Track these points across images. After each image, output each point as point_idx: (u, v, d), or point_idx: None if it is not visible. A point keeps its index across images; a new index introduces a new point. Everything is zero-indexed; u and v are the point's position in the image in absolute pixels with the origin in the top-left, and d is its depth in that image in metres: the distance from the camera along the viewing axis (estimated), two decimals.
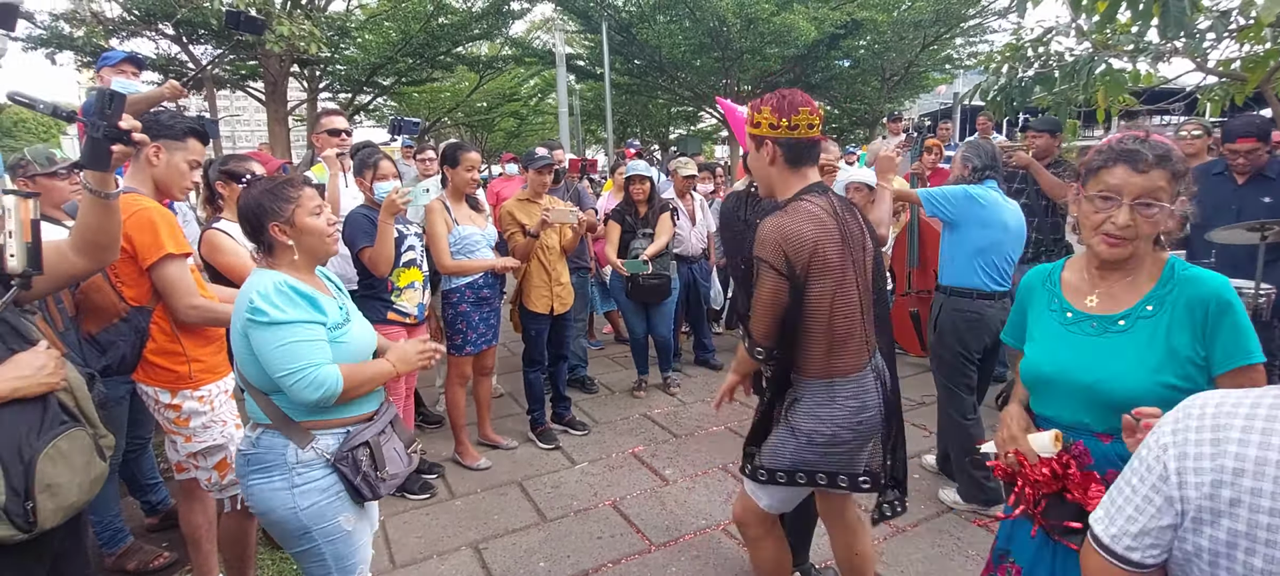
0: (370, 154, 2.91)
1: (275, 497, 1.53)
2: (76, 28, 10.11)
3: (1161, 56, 3.41)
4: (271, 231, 1.55)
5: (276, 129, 11.09)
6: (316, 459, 1.55)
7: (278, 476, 1.53)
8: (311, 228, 1.58)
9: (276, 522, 1.56)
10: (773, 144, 1.69)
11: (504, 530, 2.83)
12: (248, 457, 1.57)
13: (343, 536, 1.59)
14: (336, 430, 1.58)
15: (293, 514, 1.53)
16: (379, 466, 1.59)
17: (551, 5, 13.93)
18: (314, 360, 1.47)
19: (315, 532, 1.55)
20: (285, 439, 1.54)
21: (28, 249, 1.30)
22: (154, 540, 2.73)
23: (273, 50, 9.17)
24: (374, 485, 1.58)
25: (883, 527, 2.74)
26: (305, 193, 1.59)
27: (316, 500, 1.54)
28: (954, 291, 2.87)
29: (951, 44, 15.10)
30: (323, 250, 1.62)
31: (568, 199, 4.16)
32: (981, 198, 2.85)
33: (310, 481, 1.54)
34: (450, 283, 3.26)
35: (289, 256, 1.58)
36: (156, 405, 2.02)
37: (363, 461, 1.58)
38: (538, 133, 22.01)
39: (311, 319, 1.50)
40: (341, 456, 1.56)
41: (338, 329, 1.57)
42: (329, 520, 1.56)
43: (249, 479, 1.56)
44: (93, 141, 1.31)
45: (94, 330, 1.88)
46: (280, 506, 1.53)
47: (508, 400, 4.38)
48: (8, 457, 1.19)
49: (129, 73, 2.98)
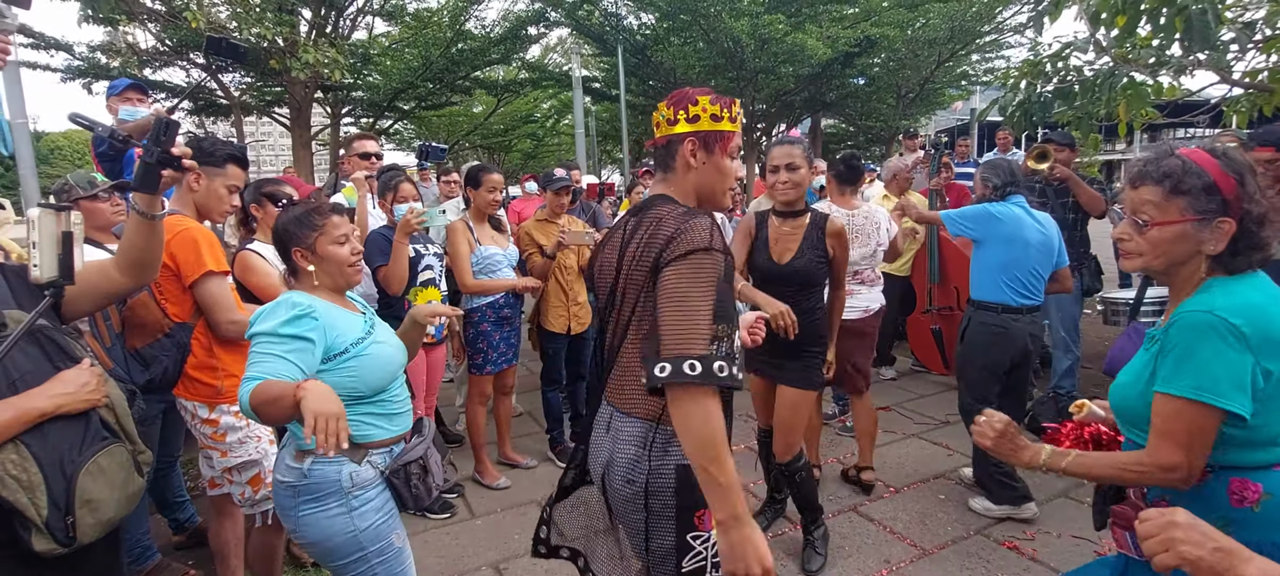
0: (392, 177, 2.98)
1: (334, 524, 1.53)
2: (113, 58, 10.50)
3: (1184, 69, 3.37)
4: (294, 256, 1.58)
5: (301, 153, 11.36)
6: (371, 479, 1.57)
7: (334, 503, 1.53)
8: (332, 256, 1.59)
9: (334, 548, 1.55)
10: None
11: (524, 550, 2.82)
12: (297, 488, 1.54)
13: (396, 554, 1.61)
14: (384, 450, 1.63)
15: (352, 537, 1.54)
16: (430, 475, 1.64)
17: (568, 29, 14.18)
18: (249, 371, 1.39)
19: (372, 554, 1.57)
20: (338, 465, 1.53)
21: (58, 260, 1.34)
22: (180, 557, 2.77)
23: (298, 77, 9.43)
24: (421, 496, 1.62)
25: (908, 549, 2.70)
26: (331, 221, 1.60)
27: (374, 520, 1.56)
28: (981, 305, 2.91)
29: (967, 60, 15.05)
30: (342, 279, 1.62)
31: (584, 219, 4.20)
32: (1001, 214, 2.89)
33: (367, 502, 1.55)
34: (471, 302, 3.30)
35: (309, 282, 1.60)
36: (194, 420, 2.07)
37: (414, 475, 1.61)
38: (554, 154, 22.27)
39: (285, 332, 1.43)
40: (395, 470, 1.59)
41: (360, 343, 1.57)
42: (384, 539, 1.58)
43: (301, 510, 1.53)
44: (145, 166, 1.37)
45: (139, 345, 1.95)
46: (340, 532, 1.53)
47: (527, 419, 4.39)
48: (50, 472, 1.23)
49: (135, 100, 3.08)
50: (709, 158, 1.34)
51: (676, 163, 1.35)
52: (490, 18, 21.49)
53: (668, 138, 1.35)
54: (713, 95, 1.33)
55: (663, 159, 1.37)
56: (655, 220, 1.29)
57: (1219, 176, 1.16)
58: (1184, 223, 1.18)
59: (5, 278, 1.37)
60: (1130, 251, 1.26)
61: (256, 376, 1.37)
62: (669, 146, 1.35)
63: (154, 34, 10.37)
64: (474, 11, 12.13)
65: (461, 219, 3.26)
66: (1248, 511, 1.20)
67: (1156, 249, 1.22)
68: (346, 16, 11.37)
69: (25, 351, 1.28)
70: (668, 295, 1.20)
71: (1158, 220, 1.20)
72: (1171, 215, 1.19)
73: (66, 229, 1.35)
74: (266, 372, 1.37)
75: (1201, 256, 1.20)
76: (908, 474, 3.37)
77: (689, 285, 1.20)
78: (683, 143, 1.33)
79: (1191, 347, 1.16)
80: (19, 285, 1.38)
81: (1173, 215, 1.19)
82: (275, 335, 1.43)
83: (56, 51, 10.81)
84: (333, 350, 1.53)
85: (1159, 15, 3.04)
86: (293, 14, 9.79)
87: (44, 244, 1.33)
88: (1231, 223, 1.17)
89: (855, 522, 2.93)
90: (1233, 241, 1.17)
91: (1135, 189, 1.23)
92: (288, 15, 9.52)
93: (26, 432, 1.22)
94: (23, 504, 1.19)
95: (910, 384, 4.83)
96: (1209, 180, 1.16)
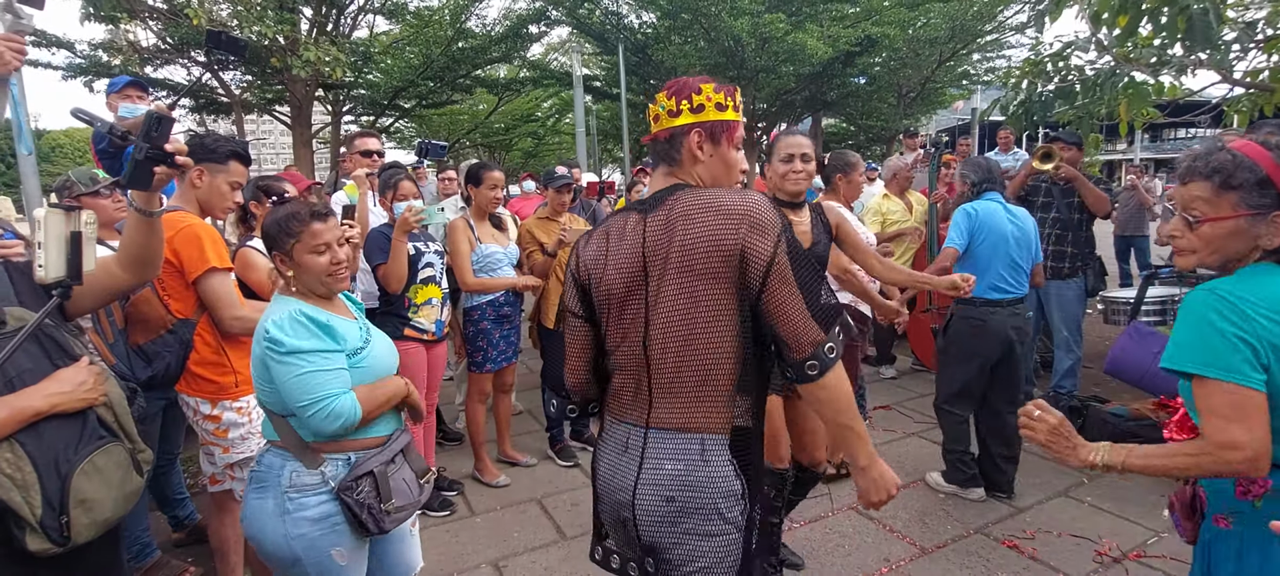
0: (392, 175, 2.97)
1: (267, 521, 1.49)
2: (114, 56, 10.51)
3: (1186, 69, 3.37)
4: (274, 259, 1.56)
5: (301, 151, 11.36)
6: (314, 486, 1.50)
7: (270, 497, 1.50)
8: (308, 265, 1.52)
9: (268, 551, 1.52)
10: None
11: (524, 547, 2.82)
12: (252, 475, 1.57)
13: (336, 570, 1.52)
14: (344, 454, 1.54)
15: (283, 540, 1.48)
16: (383, 498, 1.52)
17: (569, 28, 14.17)
18: (331, 390, 1.45)
19: (306, 563, 1.49)
20: (283, 460, 1.51)
21: (67, 260, 1.34)
22: (180, 554, 2.77)
23: (299, 75, 9.44)
24: (378, 517, 1.51)
25: (908, 547, 2.70)
26: (311, 228, 1.52)
27: (306, 531, 1.48)
28: (962, 300, 2.99)
29: (968, 60, 15.05)
30: (320, 288, 1.56)
31: (585, 218, 4.20)
32: (973, 210, 3.03)
33: (301, 510, 1.49)
34: (472, 300, 3.30)
35: (289, 287, 1.56)
36: (196, 416, 2.08)
37: (365, 494, 1.50)
38: (554, 152, 22.26)
39: (328, 347, 1.48)
40: (345, 486, 1.50)
41: (357, 354, 1.56)
42: (320, 552, 1.49)
43: (249, 496, 1.55)
44: (136, 162, 1.35)
45: (141, 341, 1.95)
46: (271, 531, 1.49)
47: (526, 417, 4.39)
48: (44, 472, 1.22)
49: (134, 97, 3.08)
50: (716, 150, 1.28)
51: (682, 155, 1.28)
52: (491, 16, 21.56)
53: (670, 130, 1.28)
54: (716, 83, 1.27)
55: (665, 152, 1.30)
56: (702, 205, 1.19)
57: (1273, 169, 1.13)
58: (1237, 218, 1.15)
59: (9, 274, 1.37)
60: (1183, 249, 1.22)
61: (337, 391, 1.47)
62: (672, 139, 1.28)
63: (155, 32, 10.37)
64: (475, 10, 12.13)
65: (462, 217, 3.26)
66: (1249, 505, 1.20)
67: (1210, 245, 1.18)
68: (347, 15, 11.37)
69: (25, 349, 1.28)
70: (784, 282, 1.17)
71: (1209, 216, 1.17)
72: (1223, 210, 1.16)
73: (76, 229, 1.35)
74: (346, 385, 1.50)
75: (1258, 251, 1.17)
76: (907, 472, 3.37)
77: (797, 268, 1.18)
78: (688, 134, 1.26)
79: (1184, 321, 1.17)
80: (22, 282, 1.37)
81: (1225, 210, 1.16)
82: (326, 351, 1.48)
83: (58, 49, 10.82)
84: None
85: (1160, 15, 3.04)
86: (294, 12, 9.79)
87: (50, 244, 1.32)
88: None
89: (855, 521, 2.93)
90: None
91: (1185, 185, 1.21)
92: (289, 13, 9.52)
93: (21, 431, 1.21)
94: (16, 503, 1.18)
95: (910, 382, 4.83)
96: (1262, 174, 1.13)
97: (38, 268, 1.33)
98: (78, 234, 1.35)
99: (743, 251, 1.16)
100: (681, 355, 1.22)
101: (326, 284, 1.56)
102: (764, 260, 1.16)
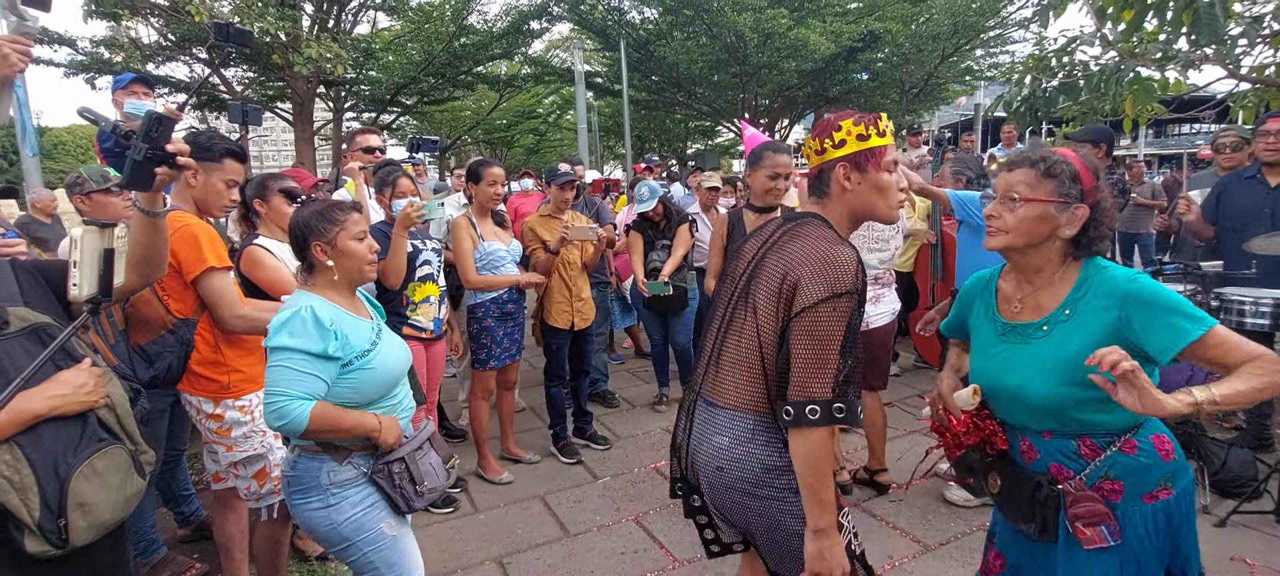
0: (389, 172, 2.97)
1: (315, 517, 1.60)
2: (116, 53, 10.51)
3: (1192, 64, 3.35)
4: (314, 250, 1.61)
5: (303, 148, 11.37)
6: (352, 479, 1.60)
7: (314, 498, 1.59)
8: (352, 251, 1.63)
9: (324, 536, 1.62)
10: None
11: (527, 544, 2.83)
12: (289, 479, 1.64)
13: (388, 542, 1.63)
14: (366, 452, 1.63)
15: (333, 529, 1.60)
16: (417, 481, 1.64)
17: (570, 24, 14.14)
18: (291, 391, 1.47)
19: (360, 542, 1.60)
20: (319, 462, 1.59)
21: (100, 277, 1.34)
22: (186, 551, 2.78)
23: (300, 72, 9.43)
24: (409, 498, 1.63)
25: (911, 544, 2.70)
26: (353, 217, 1.65)
27: (352, 514, 1.59)
28: None
29: (971, 55, 14.97)
30: (360, 275, 1.67)
31: (588, 215, 4.19)
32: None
33: (344, 498, 1.59)
34: (475, 298, 3.30)
35: (329, 276, 1.63)
36: (199, 415, 2.08)
37: (398, 475, 1.62)
38: (556, 149, 22.25)
39: (312, 349, 1.50)
40: (377, 470, 1.61)
41: (363, 355, 1.59)
42: (370, 529, 1.61)
43: (292, 499, 1.63)
44: (134, 163, 1.34)
45: (142, 342, 1.94)
46: (321, 524, 1.60)
47: (530, 414, 4.40)
48: (43, 475, 1.21)
49: (140, 93, 3.07)
50: (863, 177, 1.36)
51: (831, 188, 1.39)
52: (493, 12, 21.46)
53: (819, 166, 1.40)
54: (856, 116, 1.37)
55: (817, 186, 1.42)
56: (805, 237, 1.34)
57: (1082, 169, 1.34)
58: (1049, 203, 1.32)
59: (16, 275, 1.37)
60: (997, 229, 1.38)
61: (303, 396, 1.48)
62: (821, 174, 1.40)
63: (157, 28, 10.37)
64: (476, 6, 12.10)
65: (464, 214, 3.25)
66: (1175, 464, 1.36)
67: (1021, 226, 1.34)
68: (349, 11, 11.37)
69: (28, 351, 1.27)
70: (809, 333, 1.26)
71: (1028, 197, 1.33)
72: (1040, 194, 1.33)
73: (109, 246, 1.36)
74: (311, 392, 1.50)
75: (1055, 242, 1.35)
76: (910, 470, 3.36)
77: (833, 327, 1.26)
78: (834, 168, 1.37)
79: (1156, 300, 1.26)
80: (29, 283, 1.37)
81: (1041, 194, 1.33)
82: (309, 354, 1.50)
83: (60, 46, 10.82)
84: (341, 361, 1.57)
85: (1166, 9, 3.02)
86: (295, 8, 9.79)
87: (86, 263, 1.33)
88: (1086, 209, 1.33)
89: (857, 519, 2.93)
90: (1083, 227, 1.33)
91: (1011, 172, 1.38)
92: (290, 10, 9.51)
93: (20, 433, 1.21)
94: (14, 505, 1.18)
95: (913, 380, 4.82)
96: (1074, 170, 1.33)
97: (72, 287, 1.34)
98: (111, 251, 1.36)
99: (797, 283, 1.29)
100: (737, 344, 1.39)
101: (366, 271, 1.66)
102: (805, 302, 1.27)
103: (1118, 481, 1.33)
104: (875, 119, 1.37)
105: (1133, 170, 8.23)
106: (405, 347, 1.77)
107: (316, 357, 1.51)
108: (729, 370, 1.40)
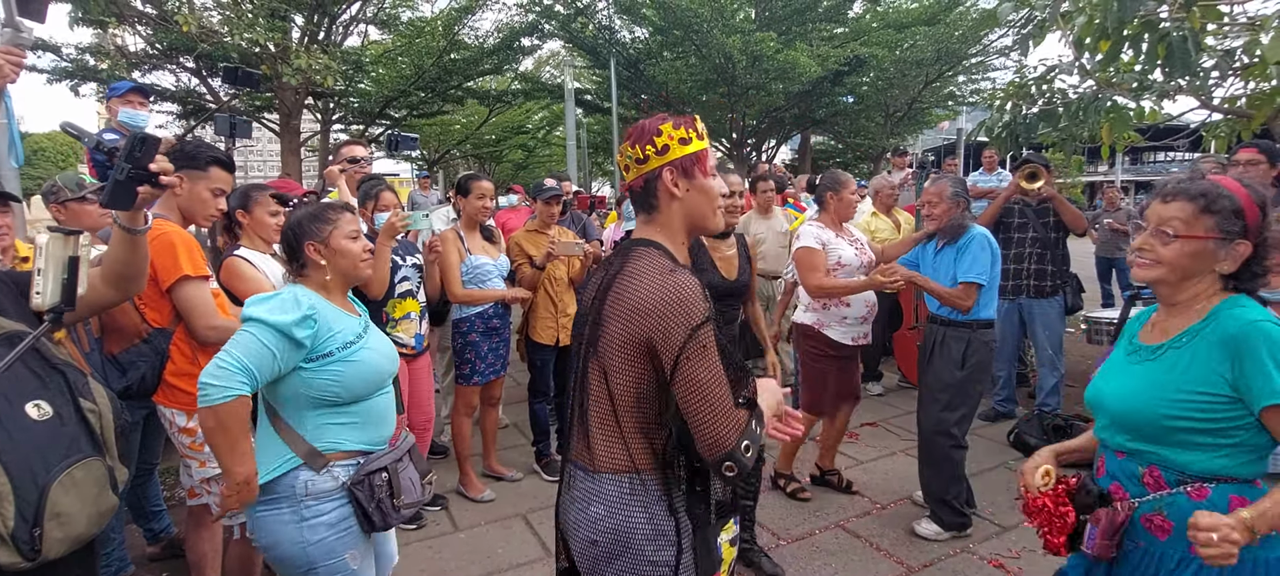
0: (372, 186, 2.95)
1: (283, 530, 1.52)
2: (101, 61, 10.40)
3: (1166, 94, 3.45)
4: (307, 250, 1.62)
5: (289, 159, 11.28)
6: (329, 491, 1.54)
7: (286, 508, 1.52)
8: (345, 250, 1.65)
9: (282, 557, 1.54)
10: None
11: (509, 564, 2.78)
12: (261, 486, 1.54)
13: (349, 574, 1.56)
14: (352, 460, 1.58)
15: (300, 548, 1.51)
16: (396, 494, 1.58)
17: (561, 42, 14.25)
18: (239, 360, 1.41)
19: (321, 569, 1.53)
20: (296, 468, 1.53)
21: (63, 285, 1.31)
22: (154, 570, 2.70)
23: (289, 83, 9.39)
24: (387, 513, 1.57)
25: (894, 566, 2.70)
26: (345, 217, 1.67)
27: (325, 536, 1.53)
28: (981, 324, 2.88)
29: (954, 81, 15.30)
30: (353, 274, 1.69)
31: (575, 231, 4.19)
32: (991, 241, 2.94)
33: (319, 515, 1.52)
34: (460, 312, 3.28)
35: (321, 276, 1.63)
36: (173, 427, 2.03)
37: (379, 488, 1.56)
38: (545, 164, 22.28)
39: (282, 325, 1.45)
40: (357, 481, 1.55)
41: (349, 346, 1.57)
42: (336, 557, 1.54)
43: (257, 509, 1.53)
44: (115, 183, 1.31)
45: (116, 350, 1.90)
46: (287, 540, 1.51)
47: (513, 431, 4.35)
48: (20, 482, 1.18)
49: (136, 103, 3.04)
50: (691, 183, 1.26)
51: (659, 199, 1.27)
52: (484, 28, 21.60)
53: (643, 176, 1.26)
54: (674, 120, 1.26)
55: (644, 200, 1.28)
56: (635, 275, 1.19)
57: (1246, 202, 1.24)
58: (1207, 239, 1.24)
59: None
60: (1149, 261, 1.30)
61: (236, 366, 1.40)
62: (647, 185, 1.26)
63: (144, 37, 10.29)
64: (468, 22, 12.16)
65: (452, 228, 3.24)
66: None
67: (1176, 262, 1.26)
68: (340, 24, 11.36)
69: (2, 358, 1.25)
70: (689, 387, 1.14)
71: (1184, 233, 1.25)
72: (1197, 231, 1.24)
73: (74, 254, 1.33)
74: (257, 368, 1.43)
75: (1209, 275, 1.27)
76: (893, 491, 3.37)
77: (703, 371, 1.14)
78: (660, 176, 1.25)
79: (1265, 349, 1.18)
80: (4, 292, 1.34)
81: (1199, 231, 1.24)
82: (278, 330, 1.45)
83: (43, 53, 10.68)
84: (319, 350, 1.52)
85: (1141, 41, 3.11)
86: (285, 20, 9.76)
87: (50, 270, 1.31)
88: (1248, 245, 1.24)
89: (841, 539, 2.92)
90: (1245, 264, 1.25)
91: (1166, 204, 1.28)
92: (280, 21, 9.49)
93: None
94: None
95: (897, 400, 4.84)
96: (1238, 204, 1.23)
97: (35, 295, 1.31)
98: (75, 259, 1.33)
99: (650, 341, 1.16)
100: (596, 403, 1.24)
101: (360, 268, 1.68)
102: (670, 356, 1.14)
103: (1170, 522, 1.28)
104: (692, 121, 1.26)
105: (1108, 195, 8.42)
106: (394, 350, 1.74)
107: (279, 332, 1.45)
108: (597, 429, 1.24)
